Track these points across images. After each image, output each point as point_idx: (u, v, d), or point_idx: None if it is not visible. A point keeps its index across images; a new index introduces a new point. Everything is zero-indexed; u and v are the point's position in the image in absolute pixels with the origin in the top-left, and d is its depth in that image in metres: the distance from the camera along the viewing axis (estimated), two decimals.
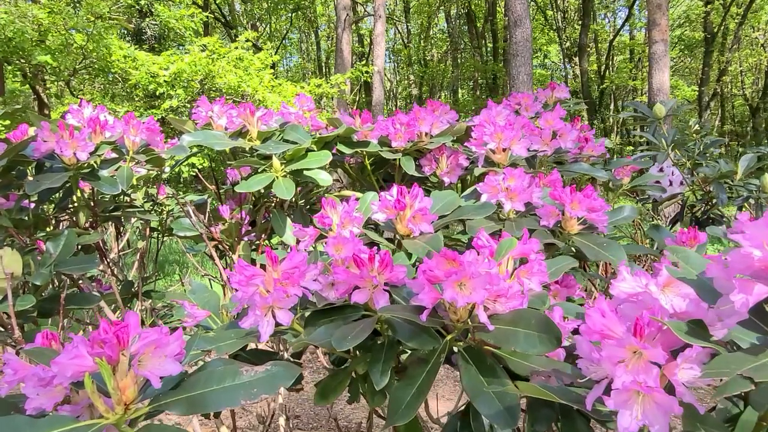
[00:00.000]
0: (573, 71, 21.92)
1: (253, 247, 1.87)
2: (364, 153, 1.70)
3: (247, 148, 1.85)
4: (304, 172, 1.50)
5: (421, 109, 1.76)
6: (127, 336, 0.70)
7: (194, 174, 8.09)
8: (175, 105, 7.25)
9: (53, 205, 1.75)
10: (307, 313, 1.05)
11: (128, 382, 0.70)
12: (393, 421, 0.84)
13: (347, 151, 1.56)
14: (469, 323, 0.91)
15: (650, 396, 0.64)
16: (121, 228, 2.07)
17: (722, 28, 18.96)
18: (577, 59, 20.39)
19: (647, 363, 0.66)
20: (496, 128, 1.56)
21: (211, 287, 2.51)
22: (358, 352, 1.10)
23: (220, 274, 1.60)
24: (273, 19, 22.55)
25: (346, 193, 1.48)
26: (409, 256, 1.18)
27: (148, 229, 1.82)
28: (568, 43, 22.13)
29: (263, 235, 1.68)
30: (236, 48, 7.91)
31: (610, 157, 2.13)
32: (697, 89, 19.51)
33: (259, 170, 1.52)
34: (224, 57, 7.58)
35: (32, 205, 1.65)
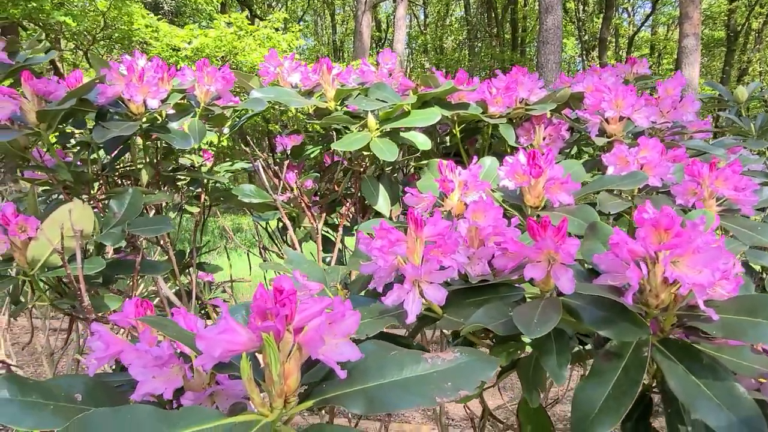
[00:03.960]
0: (589, 65, 21.54)
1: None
2: (455, 119, 1.52)
3: (310, 110, 1.67)
4: (401, 134, 1.32)
5: (518, 71, 1.58)
6: (294, 305, 0.53)
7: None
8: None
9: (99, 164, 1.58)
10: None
11: (292, 368, 0.53)
12: (584, 428, 0.67)
13: (446, 113, 1.38)
14: (657, 310, 0.74)
15: None
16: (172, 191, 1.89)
17: (745, 27, 18.57)
18: (593, 53, 20.03)
19: None
20: (616, 94, 1.38)
21: (249, 262, 2.34)
22: (491, 338, 0.93)
23: (292, 247, 1.43)
24: (289, 1, 22.20)
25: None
26: None
27: (203, 196, 1.65)
28: (587, 36, 21.73)
29: (345, 206, 1.50)
30: (265, 27, 7.67)
31: None
32: None
33: (353, 129, 1.34)
34: (251, 35, 7.33)
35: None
